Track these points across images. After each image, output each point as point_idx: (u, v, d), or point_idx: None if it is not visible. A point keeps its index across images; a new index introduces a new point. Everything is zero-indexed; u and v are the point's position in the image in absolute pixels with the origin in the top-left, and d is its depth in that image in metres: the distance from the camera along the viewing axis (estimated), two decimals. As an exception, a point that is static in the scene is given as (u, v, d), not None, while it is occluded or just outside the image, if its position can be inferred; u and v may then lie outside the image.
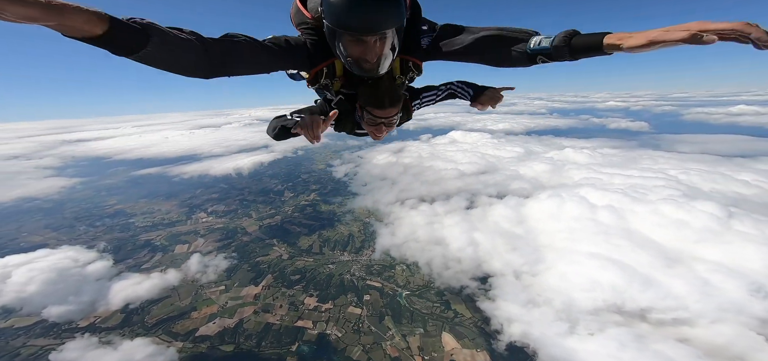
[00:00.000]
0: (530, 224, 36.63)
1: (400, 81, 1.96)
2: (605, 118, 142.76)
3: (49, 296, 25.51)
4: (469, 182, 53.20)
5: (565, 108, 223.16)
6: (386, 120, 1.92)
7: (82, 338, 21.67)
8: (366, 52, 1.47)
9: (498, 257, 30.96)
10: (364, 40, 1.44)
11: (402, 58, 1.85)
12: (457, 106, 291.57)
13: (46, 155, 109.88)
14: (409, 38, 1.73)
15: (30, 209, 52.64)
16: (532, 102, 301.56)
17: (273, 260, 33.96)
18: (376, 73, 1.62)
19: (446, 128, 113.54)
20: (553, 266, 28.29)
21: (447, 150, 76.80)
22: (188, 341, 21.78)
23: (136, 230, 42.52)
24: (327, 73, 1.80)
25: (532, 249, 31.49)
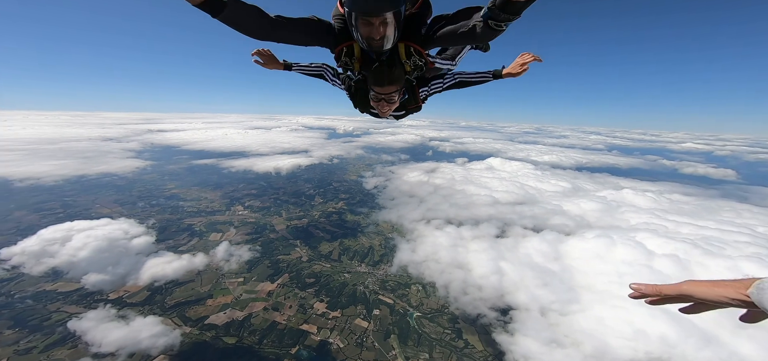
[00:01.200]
0: (568, 261, 34.39)
1: (408, 67, 2.32)
2: (679, 162, 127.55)
3: (93, 264, 29.06)
4: (503, 211, 51.19)
5: (628, 146, 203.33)
6: (386, 96, 2.29)
7: (102, 309, 23.92)
8: (372, 31, 1.90)
9: (525, 291, 29.45)
10: (370, 21, 1.88)
11: (405, 43, 2.20)
12: (499, 133, 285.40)
13: (132, 140, 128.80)
14: (412, 27, 2.13)
15: (108, 183, 61.87)
16: (588, 136, 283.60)
17: (292, 261, 34.71)
18: (382, 49, 2.05)
19: (484, 154, 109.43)
20: (588, 308, 26.54)
21: (482, 176, 73.96)
22: (196, 327, 22.80)
23: (183, 213, 47.08)
24: (346, 52, 2.29)
25: (566, 287, 29.66)
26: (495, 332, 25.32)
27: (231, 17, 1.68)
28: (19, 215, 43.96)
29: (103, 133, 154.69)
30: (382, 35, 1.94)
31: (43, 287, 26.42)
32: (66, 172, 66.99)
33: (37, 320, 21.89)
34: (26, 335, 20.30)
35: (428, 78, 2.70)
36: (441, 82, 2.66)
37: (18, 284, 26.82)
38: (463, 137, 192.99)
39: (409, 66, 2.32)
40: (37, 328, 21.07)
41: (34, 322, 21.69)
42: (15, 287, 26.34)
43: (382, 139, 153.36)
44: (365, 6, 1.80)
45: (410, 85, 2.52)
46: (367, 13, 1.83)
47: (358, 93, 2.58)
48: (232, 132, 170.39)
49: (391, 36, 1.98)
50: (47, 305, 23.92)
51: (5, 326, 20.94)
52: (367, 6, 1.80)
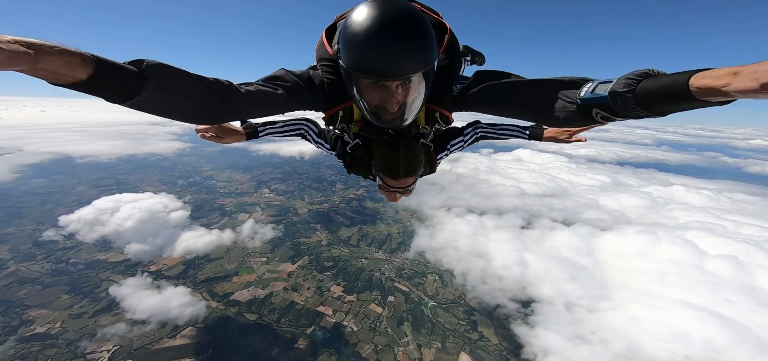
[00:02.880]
0: (601, 257, 33.16)
1: (425, 131, 1.70)
2: (744, 160, 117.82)
3: (136, 234, 32.22)
4: (530, 202, 49.75)
5: (681, 142, 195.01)
6: (401, 189, 1.69)
7: (140, 277, 26.45)
8: (386, 99, 1.23)
9: (550, 284, 28.63)
10: (386, 86, 1.19)
11: (428, 107, 1.51)
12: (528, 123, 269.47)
13: (174, 124, 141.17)
14: (440, 86, 1.42)
15: (153, 162, 68.47)
16: (633, 130, 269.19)
17: (313, 244, 35.88)
18: (399, 124, 1.37)
19: (512, 146, 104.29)
20: (621, 306, 25.65)
21: (509, 167, 71.45)
22: (222, 302, 24.52)
23: (217, 193, 50.46)
24: (343, 117, 1.56)
25: (597, 283, 28.82)
26: (514, 324, 24.90)
27: (157, 100, 0.95)
28: (81, 188, 49.68)
29: (150, 117, 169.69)
30: (402, 103, 1.25)
31: (97, 256, 29.83)
32: (119, 151, 75.56)
33: (90, 287, 24.88)
34: (79, 300, 23.20)
35: (444, 137, 2.09)
36: (462, 141, 2.08)
37: (75, 252, 30.55)
38: None
39: (426, 130, 1.68)
40: (89, 294, 23.97)
41: (87, 288, 24.69)
42: (72, 254, 30.04)
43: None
44: (379, 63, 1.10)
45: (428, 153, 1.87)
46: (382, 74, 1.13)
47: (356, 160, 1.91)
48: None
49: (414, 105, 1.31)
50: (99, 273, 27.00)
51: (62, 291, 24.09)
52: (383, 63, 1.10)
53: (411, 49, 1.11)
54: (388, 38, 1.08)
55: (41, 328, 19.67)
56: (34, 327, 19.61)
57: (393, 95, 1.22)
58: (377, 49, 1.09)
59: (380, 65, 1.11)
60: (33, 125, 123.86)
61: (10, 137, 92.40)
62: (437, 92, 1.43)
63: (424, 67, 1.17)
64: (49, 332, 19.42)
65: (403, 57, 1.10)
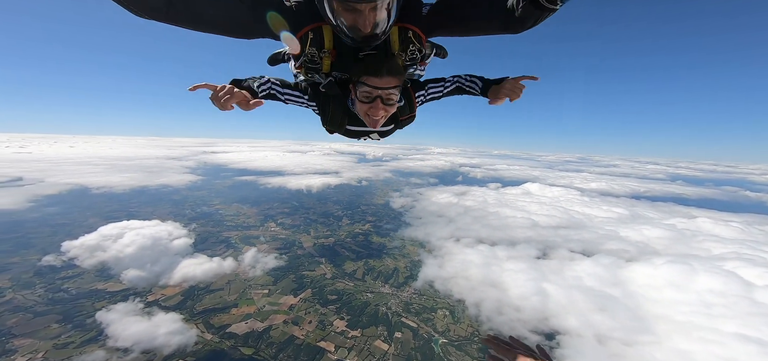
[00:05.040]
0: (631, 288, 32.01)
1: (401, 60, 1.71)
2: (765, 194, 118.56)
3: (134, 260, 31.47)
4: (544, 234, 48.91)
5: (696, 177, 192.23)
6: (384, 93, 1.61)
7: (130, 302, 25.34)
8: (358, 19, 1.33)
9: (576, 315, 27.42)
10: (357, 8, 1.30)
11: (400, 26, 1.59)
12: (535, 161, 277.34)
13: (189, 159, 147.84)
14: (410, 5, 1.55)
15: (166, 193, 70.20)
16: (643, 166, 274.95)
17: (316, 277, 34.34)
18: (375, 41, 1.46)
19: (520, 180, 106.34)
20: (666, 339, 24.35)
21: (518, 200, 70.61)
22: (217, 335, 22.86)
23: (223, 226, 50.11)
24: (313, 40, 1.58)
25: (631, 315, 27.49)
26: None
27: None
28: (92, 219, 50.18)
29: (168, 153, 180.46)
30: (373, 23, 1.35)
31: (95, 285, 28.97)
32: (133, 183, 78.06)
33: (82, 316, 23.72)
34: (68, 330, 21.94)
35: (422, 82, 2.09)
36: (442, 86, 2.02)
37: (73, 280, 29.83)
38: (495, 164, 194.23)
39: (402, 60, 1.70)
40: (80, 324, 22.74)
41: (79, 318, 23.53)
42: (70, 282, 29.30)
43: (411, 164, 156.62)
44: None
45: (405, 87, 1.87)
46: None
47: (331, 104, 1.82)
48: (271, 155, 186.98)
49: (384, 23, 1.40)
50: (94, 302, 25.93)
51: (53, 320, 22.96)
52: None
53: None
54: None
55: (22, 358, 18.36)
56: (15, 357, 18.29)
57: (365, 16, 1.31)
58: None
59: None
60: (59, 159, 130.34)
61: (35, 169, 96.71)
62: (407, 11, 1.53)
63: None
64: (29, 362, 18.11)
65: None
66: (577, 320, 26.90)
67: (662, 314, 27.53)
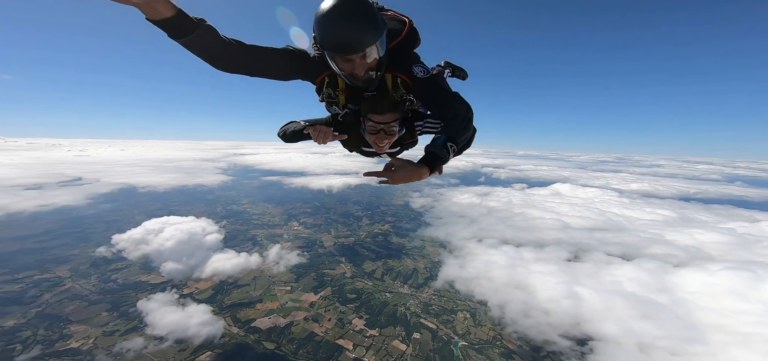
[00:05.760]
0: (680, 294, 30.20)
1: (398, 97, 2.04)
2: None
3: (173, 253, 34.19)
4: (576, 236, 46.44)
5: (759, 177, 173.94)
6: (385, 125, 2.01)
7: (167, 293, 27.51)
8: (354, 67, 1.66)
9: (614, 321, 26.21)
10: (350, 58, 1.62)
11: (392, 73, 1.96)
12: (565, 161, 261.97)
13: (222, 161, 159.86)
14: (399, 57, 1.92)
15: (201, 193, 75.88)
16: (694, 166, 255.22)
17: (337, 275, 35.00)
18: (371, 84, 1.81)
19: (548, 181, 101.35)
20: (722, 351, 22.79)
21: (547, 201, 67.13)
22: (243, 329, 24.05)
23: (250, 224, 52.76)
24: (329, 83, 2.00)
25: (681, 323, 26.01)
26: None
27: (199, 43, 1.43)
28: (139, 216, 55.18)
29: (203, 155, 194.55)
30: (367, 69, 1.70)
31: (139, 277, 31.78)
32: (174, 183, 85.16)
33: (127, 306, 26.13)
34: (115, 318, 24.30)
35: (422, 112, 2.44)
36: (438, 126, 2.38)
37: (122, 272, 32.93)
38: (520, 165, 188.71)
39: (397, 96, 2.07)
40: (125, 313, 25.09)
41: (124, 307, 25.94)
42: (119, 274, 32.37)
43: None
44: (338, 43, 1.54)
45: (405, 118, 2.24)
46: (342, 51, 1.57)
47: (348, 130, 2.30)
48: (295, 156, 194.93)
49: (375, 71, 1.75)
50: (138, 293, 28.45)
51: (103, 309, 25.53)
52: (341, 43, 1.53)
53: (359, 32, 1.51)
54: (340, 23, 1.48)
55: (76, 343, 20.61)
56: (70, 342, 20.61)
57: (358, 64, 1.63)
58: (333, 33, 1.51)
59: (340, 46, 1.54)
60: (112, 161, 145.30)
61: (92, 170, 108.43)
62: (397, 61, 1.91)
63: (371, 42, 1.56)
64: (81, 347, 20.24)
65: (353, 38, 1.51)
66: (616, 327, 25.64)
67: (718, 324, 25.54)
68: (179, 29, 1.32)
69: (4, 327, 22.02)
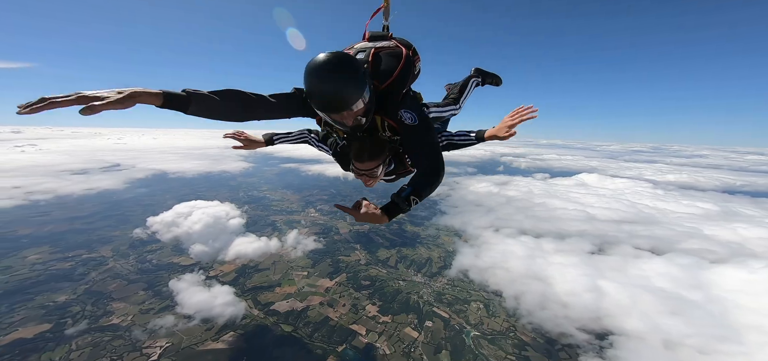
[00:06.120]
0: (716, 292, 28.98)
1: (387, 137, 2.10)
2: None
3: (201, 236, 36.57)
4: (602, 228, 44.75)
5: None
6: (367, 172, 2.10)
7: (195, 274, 29.55)
8: (342, 118, 1.71)
9: (640, 316, 25.61)
10: (332, 117, 1.73)
11: (381, 117, 2.02)
12: (592, 151, 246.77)
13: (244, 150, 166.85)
14: (388, 100, 1.95)
15: (224, 179, 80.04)
16: (742, 156, 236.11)
17: (351, 262, 35.90)
18: (359, 129, 1.88)
19: (573, 171, 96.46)
20: (757, 352, 22.12)
21: (571, 191, 64.36)
22: (263, 311, 25.49)
23: (270, 210, 54.95)
24: (326, 122, 2.06)
25: (714, 322, 25.15)
26: (584, 356, 22.34)
27: (200, 110, 1.54)
28: (170, 200, 59.07)
29: (227, 142, 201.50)
30: (353, 118, 1.75)
31: (171, 259, 34.35)
32: (200, 169, 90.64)
33: (160, 286, 28.46)
34: (150, 297, 26.61)
35: None
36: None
37: (156, 253, 35.70)
38: (543, 154, 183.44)
39: (386, 137, 2.14)
40: (158, 292, 27.36)
41: (158, 287, 28.28)
42: (154, 255, 35.11)
43: (447, 154, 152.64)
44: (324, 104, 1.63)
45: (396, 153, 2.31)
46: (327, 110, 1.67)
47: (344, 156, 2.41)
48: None
49: (363, 117, 1.80)
50: (170, 274, 30.81)
51: (140, 288, 27.99)
52: (326, 104, 1.62)
53: (340, 92, 1.58)
54: (323, 84, 1.56)
55: (117, 319, 22.89)
56: (112, 318, 22.92)
57: (344, 117, 1.69)
58: (318, 94, 1.59)
59: (324, 105, 1.62)
60: (146, 149, 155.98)
61: (128, 157, 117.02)
62: (384, 107, 1.94)
63: (353, 101, 1.62)
64: (121, 323, 22.46)
65: (335, 101, 1.59)
66: (641, 322, 24.93)
67: (757, 324, 24.45)
68: (176, 106, 1.44)
69: (57, 302, 24.86)
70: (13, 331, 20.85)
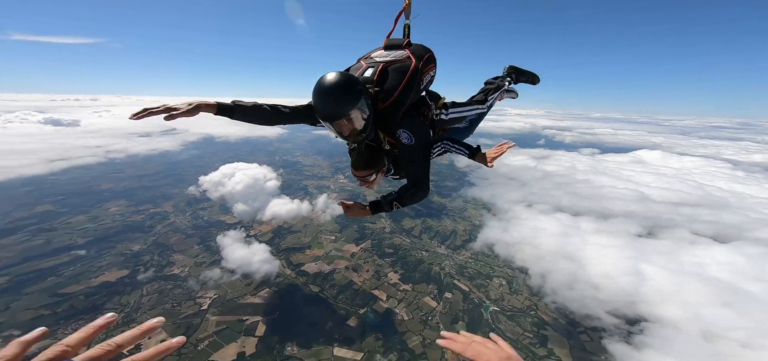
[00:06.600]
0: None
1: (387, 149, 2.31)
2: None
3: (243, 196, 40.61)
4: (656, 209, 41.06)
5: None
6: (361, 178, 2.33)
7: (237, 231, 33.08)
8: (341, 129, 1.94)
9: (680, 305, 24.32)
10: (336, 123, 1.95)
11: (382, 132, 2.21)
12: (659, 126, 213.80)
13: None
14: (386, 120, 2.11)
15: (263, 142, 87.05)
16: None
17: (377, 229, 37.18)
18: (359, 140, 2.09)
19: (629, 147, 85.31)
20: None
21: (624, 168, 57.50)
22: (294, 271, 28.12)
23: (303, 174, 58.06)
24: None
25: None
26: (608, 340, 21.78)
27: (242, 117, 1.99)
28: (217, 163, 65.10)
29: None
30: (351, 131, 1.96)
31: (219, 217, 38.72)
32: (241, 134, 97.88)
33: (210, 241, 32.54)
34: (203, 251, 30.66)
35: None
36: (433, 151, 2.68)
37: (207, 210, 40.39)
38: (594, 128, 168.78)
39: (387, 148, 2.32)
40: (208, 247, 31.38)
41: (208, 242, 32.37)
42: (205, 212, 39.78)
43: (482, 125, 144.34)
44: (322, 114, 1.89)
45: (396, 159, 2.47)
46: (326, 119, 1.91)
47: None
48: None
49: (360, 128, 1.98)
50: (217, 230, 34.94)
51: (195, 242, 32.30)
52: (323, 114, 1.88)
53: (336, 105, 1.84)
54: (323, 98, 1.84)
55: (177, 270, 27.03)
56: (173, 269, 27.11)
57: (344, 126, 1.93)
58: (319, 106, 1.87)
59: (321, 114, 1.90)
60: (197, 115, 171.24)
61: (183, 122, 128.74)
62: (383, 123, 2.13)
63: (347, 112, 1.86)
64: (180, 273, 26.51)
65: (332, 111, 1.86)
66: (681, 311, 23.49)
67: None
68: (225, 114, 1.91)
69: (132, 250, 29.94)
70: (101, 274, 25.83)
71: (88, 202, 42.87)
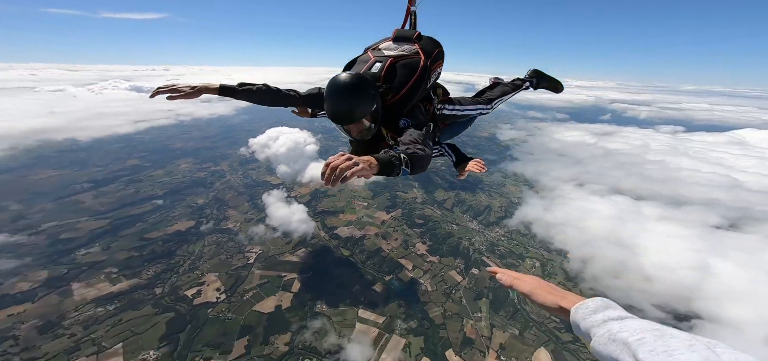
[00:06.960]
0: None
1: (393, 142, 2.37)
2: None
3: (285, 158, 44.12)
4: (748, 199, 34.69)
5: None
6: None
7: (279, 191, 35.87)
8: (350, 130, 2.05)
9: (752, 306, 21.63)
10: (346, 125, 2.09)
11: (384, 129, 2.28)
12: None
13: (321, 83, 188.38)
14: (390, 117, 2.16)
15: None
16: None
17: (408, 199, 37.46)
18: (366, 137, 2.18)
19: (728, 125, 68.72)
20: None
21: (714, 150, 47.07)
22: (328, 234, 30.12)
23: (339, 141, 56.61)
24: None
25: None
26: None
27: (245, 97, 2.18)
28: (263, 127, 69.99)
29: (305, 79, 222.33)
30: (360, 131, 2.02)
31: (266, 177, 42.54)
32: None
33: (257, 199, 36.20)
34: (251, 209, 34.36)
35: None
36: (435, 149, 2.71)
37: (255, 171, 44.53)
38: (682, 102, 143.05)
39: (391, 142, 2.36)
40: (255, 205, 35.02)
41: (255, 200, 36.05)
42: (254, 173, 43.93)
43: (532, 97, 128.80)
44: (334, 118, 1.97)
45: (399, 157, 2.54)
46: (337, 122, 1.99)
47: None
48: None
49: (367, 129, 2.04)
50: (263, 190, 38.62)
51: (245, 200, 36.23)
52: (335, 118, 1.96)
53: (345, 111, 1.90)
54: (335, 102, 1.91)
55: (231, 224, 30.95)
56: (227, 223, 31.10)
57: (353, 128, 2.01)
58: (330, 108, 1.94)
59: (333, 117, 1.97)
60: (248, 81, 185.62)
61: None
62: (387, 120, 2.17)
63: (359, 116, 1.92)
64: (233, 228, 30.35)
65: (344, 115, 1.91)
66: (746, 312, 20.84)
67: None
68: (228, 94, 2.11)
69: (197, 204, 34.87)
70: (174, 223, 30.83)
71: (164, 158, 50.27)
